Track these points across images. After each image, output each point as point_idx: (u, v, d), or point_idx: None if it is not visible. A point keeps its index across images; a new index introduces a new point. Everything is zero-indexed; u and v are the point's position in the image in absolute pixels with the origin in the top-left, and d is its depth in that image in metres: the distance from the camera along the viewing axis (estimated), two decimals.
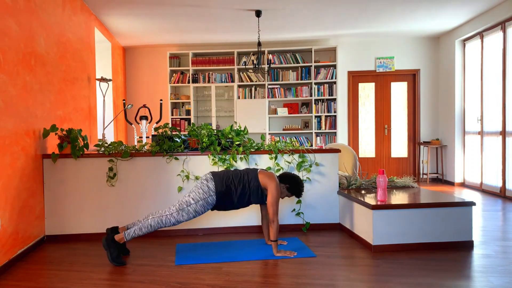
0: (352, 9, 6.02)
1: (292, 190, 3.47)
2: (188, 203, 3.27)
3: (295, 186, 3.46)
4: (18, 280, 2.93)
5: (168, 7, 5.76)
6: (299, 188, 3.47)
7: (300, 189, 3.48)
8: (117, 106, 7.45)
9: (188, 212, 3.27)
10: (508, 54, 5.91)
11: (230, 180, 3.35)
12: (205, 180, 3.35)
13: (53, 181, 3.94)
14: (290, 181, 3.46)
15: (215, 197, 3.30)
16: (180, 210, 3.26)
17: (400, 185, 4.37)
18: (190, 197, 3.29)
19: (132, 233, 3.23)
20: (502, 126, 6.01)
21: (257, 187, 3.37)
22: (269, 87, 7.95)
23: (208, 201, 3.29)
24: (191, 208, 3.27)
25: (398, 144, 8.22)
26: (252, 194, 3.37)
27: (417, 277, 2.83)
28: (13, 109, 3.29)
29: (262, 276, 2.94)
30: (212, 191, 3.29)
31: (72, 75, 4.81)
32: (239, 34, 7.32)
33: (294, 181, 3.46)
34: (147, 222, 3.24)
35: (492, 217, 4.76)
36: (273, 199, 3.31)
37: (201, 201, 3.28)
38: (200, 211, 3.30)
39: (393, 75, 8.15)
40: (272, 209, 3.31)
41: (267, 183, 3.36)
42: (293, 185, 3.45)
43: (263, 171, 3.45)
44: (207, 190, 3.29)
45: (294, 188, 3.46)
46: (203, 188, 3.30)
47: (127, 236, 3.23)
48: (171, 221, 3.25)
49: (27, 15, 3.62)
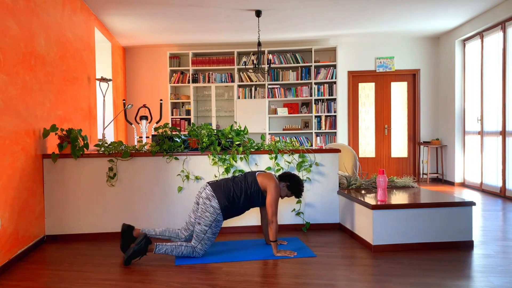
0: (352, 9, 6.02)
1: (292, 188, 3.45)
2: (203, 231, 3.28)
3: (295, 185, 3.44)
4: (18, 280, 2.93)
5: (168, 7, 5.76)
6: (298, 187, 3.45)
7: (300, 188, 3.46)
8: (117, 106, 7.45)
9: (209, 238, 3.30)
10: (508, 54, 5.91)
11: (232, 192, 3.31)
12: (206, 199, 3.29)
13: (53, 181, 3.94)
14: (289, 179, 3.45)
15: (222, 214, 3.29)
16: (202, 241, 3.29)
17: (400, 185, 4.37)
18: (202, 224, 3.27)
19: (163, 250, 3.27)
20: (502, 126, 6.01)
21: (257, 191, 3.35)
22: (269, 87, 7.95)
23: (218, 220, 3.28)
24: (208, 233, 3.29)
25: (398, 144, 8.22)
26: (253, 198, 3.37)
27: (417, 277, 2.83)
28: (13, 109, 3.29)
29: (262, 276, 2.94)
30: (217, 210, 3.26)
31: (72, 75, 4.81)
32: (239, 34, 7.32)
33: (294, 180, 3.45)
34: (181, 248, 3.29)
35: (492, 217, 4.75)
36: (272, 199, 3.31)
37: (213, 223, 3.27)
38: (217, 231, 3.33)
39: (393, 75, 8.15)
40: (271, 209, 3.30)
41: (266, 184, 3.35)
42: (293, 183, 3.44)
43: (261, 173, 3.43)
44: (212, 211, 3.26)
45: (294, 187, 3.44)
46: (208, 210, 3.26)
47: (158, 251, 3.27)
48: (200, 254, 3.32)
49: (27, 15, 3.62)
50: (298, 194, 3.49)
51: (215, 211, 3.25)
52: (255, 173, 3.44)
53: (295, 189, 3.45)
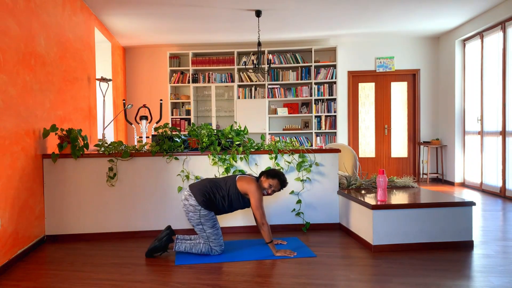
0: (352, 9, 6.02)
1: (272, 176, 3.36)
2: (201, 230, 3.32)
3: (275, 174, 3.36)
4: (18, 280, 2.93)
5: (168, 7, 5.75)
6: (280, 177, 3.36)
7: (280, 176, 3.36)
8: (117, 106, 7.45)
9: (212, 234, 3.32)
10: (508, 54, 5.91)
11: (207, 188, 3.31)
12: (185, 200, 3.33)
13: (53, 181, 3.94)
14: (266, 173, 3.39)
15: (204, 207, 3.28)
16: (208, 239, 3.34)
17: (400, 185, 4.37)
18: (195, 225, 3.33)
19: (182, 248, 3.37)
20: (502, 126, 6.01)
21: (237, 194, 3.32)
22: (269, 87, 7.95)
23: (203, 214, 3.28)
24: (207, 230, 3.32)
25: (398, 144, 8.22)
26: (234, 201, 3.34)
27: (417, 277, 2.83)
28: (13, 109, 3.29)
29: (262, 276, 2.94)
30: (196, 206, 3.27)
31: (72, 75, 4.81)
32: (239, 34, 7.32)
33: (271, 172, 3.38)
34: (200, 246, 3.35)
35: (492, 217, 4.75)
36: (256, 202, 3.28)
37: (201, 219, 3.29)
38: (213, 224, 3.33)
39: (393, 75, 8.15)
40: (258, 213, 3.28)
41: (246, 189, 3.31)
42: (272, 174, 3.36)
43: (242, 177, 3.38)
44: (193, 209, 3.28)
45: (272, 175, 3.36)
46: (190, 209, 3.29)
47: (178, 248, 3.38)
48: (218, 251, 3.36)
49: (27, 15, 3.62)
50: (283, 184, 3.39)
51: (195, 208, 3.27)
52: (236, 176, 3.41)
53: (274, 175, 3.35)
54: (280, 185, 3.40)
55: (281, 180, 3.39)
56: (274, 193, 3.44)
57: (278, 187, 3.40)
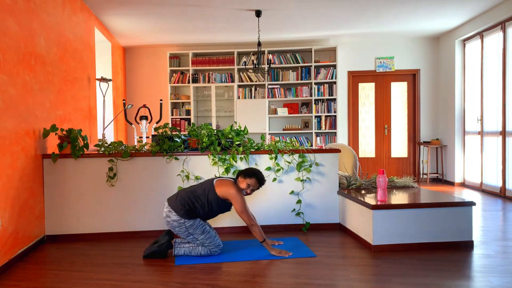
0: (352, 9, 6.02)
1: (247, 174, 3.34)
2: (193, 239, 3.32)
3: (252, 173, 3.33)
4: (18, 280, 2.93)
5: (168, 7, 5.75)
6: (257, 176, 3.33)
7: (259, 176, 3.34)
8: (117, 106, 7.45)
9: (206, 238, 3.31)
10: (508, 54, 5.91)
11: (185, 200, 3.27)
12: (167, 217, 3.30)
13: (53, 181, 3.94)
14: (244, 172, 3.35)
15: (187, 218, 3.26)
16: (204, 244, 3.33)
17: (400, 185, 4.37)
18: (185, 238, 3.33)
19: (182, 252, 3.36)
20: (502, 126, 6.01)
21: (216, 200, 3.28)
22: (269, 87, 7.95)
23: (189, 225, 3.27)
24: (199, 238, 3.31)
25: (398, 144, 8.22)
26: (214, 207, 3.30)
27: (417, 277, 2.83)
28: (13, 109, 3.29)
29: (262, 276, 2.94)
30: (179, 220, 3.25)
31: (72, 75, 4.81)
32: (239, 34, 7.32)
33: (250, 171, 3.35)
34: (199, 249, 3.35)
35: (492, 217, 4.75)
36: (240, 207, 3.24)
37: (189, 230, 3.28)
38: (203, 229, 3.31)
39: (393, 75, 8.15)
40: (244, 217, 3.26)
41: (226, 194, 3.26)
42: (249, 173, 3.33)
43: (219, 182, 3.32)
44: (177, 224, 3.27)
45: (249, 174, 3.32)
46: (174, 225, 3.28)
47: (177, 252, 3.37)
48: (217, 251, 3.36)
49: (27, 15, 3.62)
50: (261, 182, 3.35)
51: (179, 222, 3.26)
52: (213, 181, 3.35)
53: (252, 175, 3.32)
54: (258, 183, 3.35)
55: (259, 179, 3.34)
56: (253, 192, 3.39)
57: (256, 186, 3.35)
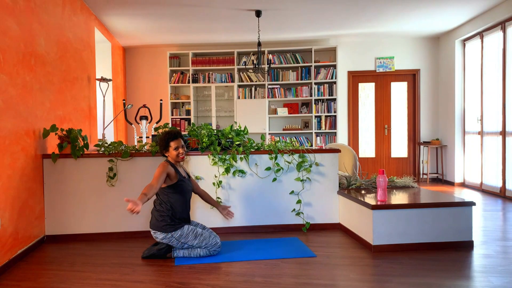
0: (352, 9, 6.02)
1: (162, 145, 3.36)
2: (190, 246, 3.32)
3: (166, 139, 3.33)
4: (18, 280, 2.93)
5: (168, 7, 5.76)
6: (170, 135, 3.32)
7: (171, 134, 3.32)
8: (117, 106, 7.45)
9: (201, 241, 3.31)
10: (508, 54, 5.91)
11: (158, 215, 3.29)
12: (156, 237, 3.32)
13: (53, 181, 3.94)
14: (160, 143, 3.37)
15: (173, 231, 3.26)
16: (201, 246, 3.32)
17: (400, 185, 4.37)
18: (184, 246, 3.33)
19: (181, 254, 3.35)
20: (502, 126, 6.01)
21: (161, 190, 3.29)
22: (269, 87, 7.95)
23: (180, 235, 3.27)
24: (194, 242, 3.31)
25: (398, 144, 8.22)
26: (171, 193, 3.28)
27: (417, 277, 2.83)
28: (13, 109, 3.29)
29: (262, 276, 2.94)
30: (167, 235, 3.27)
31: (72, 75, 4.81)
32: (239, 34, 7.32)
33: (163, 138, 3.35)
34: (197, 251, 3.35)
35: (492, 217, 4.75)
36: (153, 177, 3.17)
37: (181, 240, 3.28)
38: (193, 235, 3.30)
39: (393, 75, 8.15)
40: (149, 183, 3.13)
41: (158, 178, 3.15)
42: (165, 139, 3.34)
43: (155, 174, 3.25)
44: (168, 240, 3.28)
45: (164, 140, 3.34)
46: (164, 241, 3.30)
47: (176, 255, 3.36)
48: (217, 250, 3.37)
49: (27, 15, 3.62)
50: (176, 136, 3.34)
51: (168, 238, 3.28)
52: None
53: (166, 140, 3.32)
54: (176, 138, 3.31)
55: (173, 135, 3.31)
56: (185, 151, 3.38)
57: (180, 143, 3.34)
